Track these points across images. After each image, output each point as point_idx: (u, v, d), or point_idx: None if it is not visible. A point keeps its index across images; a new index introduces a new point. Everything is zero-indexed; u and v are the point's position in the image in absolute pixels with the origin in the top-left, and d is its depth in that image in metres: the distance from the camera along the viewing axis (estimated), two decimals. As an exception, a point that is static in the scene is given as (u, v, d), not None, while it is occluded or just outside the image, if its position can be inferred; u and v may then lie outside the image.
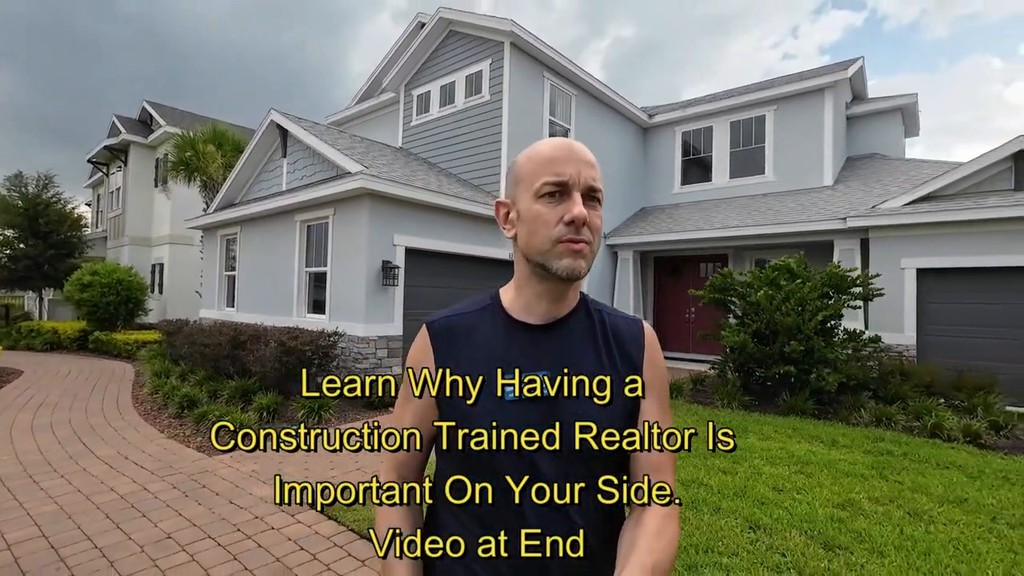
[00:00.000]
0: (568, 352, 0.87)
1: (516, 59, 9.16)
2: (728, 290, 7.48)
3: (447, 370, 0.87)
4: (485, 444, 0.82)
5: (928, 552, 2.95)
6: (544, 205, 0.82)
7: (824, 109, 10.38)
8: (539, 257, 0.83)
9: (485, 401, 0.84)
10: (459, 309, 0.95)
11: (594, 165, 0.84)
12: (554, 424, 0.83)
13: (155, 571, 2.74)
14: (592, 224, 0.82)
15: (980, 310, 7.41)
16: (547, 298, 0.88)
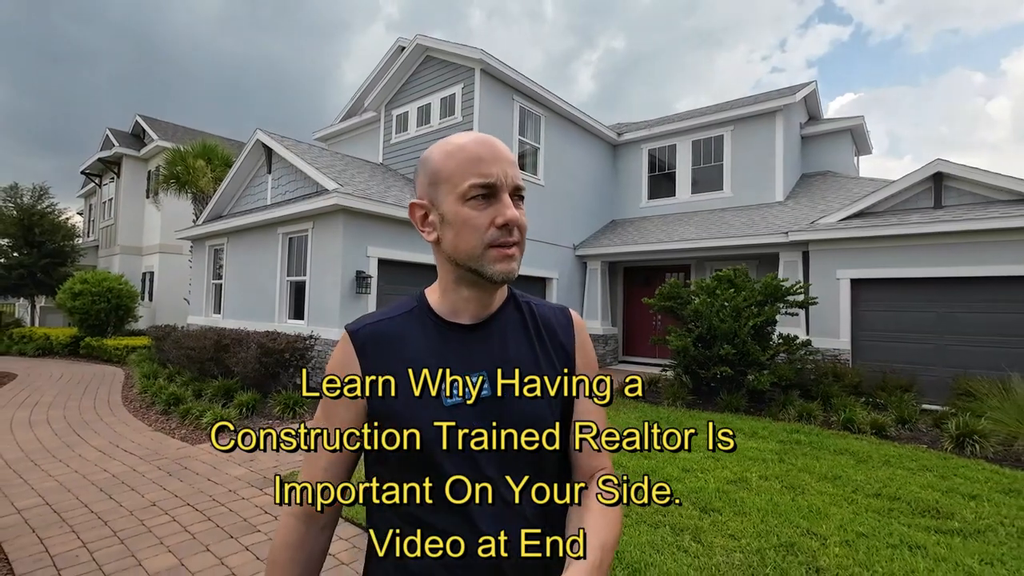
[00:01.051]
0: (502, 349, 0.85)
1: (486, 84, 9.87)
2: (675, 298, 8.15)
3: (378, 376, 0.83)
4: (427, 447, 0.79)
5: (784, 513, 3.58)
6: (473, 208, 0.78)
7: (776, 130, 11.15)
8: (470, 262, 0.80)
9: (424, 404, 0.81)
10: (384, 314, 0.91)
11: (515, 163, 0.82)
12: (495, 424, 0.81)
13: (142, 527, 3.32)
14: (521, 224, 0.80)
15: (906, 317, 8.11)
16: (477, 301, 0.86)
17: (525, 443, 0.82)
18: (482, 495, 0.79)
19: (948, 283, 7.72)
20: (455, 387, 0.81)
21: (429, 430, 0.79)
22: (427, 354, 0.84)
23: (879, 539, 3.19)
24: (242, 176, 10.42)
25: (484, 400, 0.82)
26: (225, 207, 10.93)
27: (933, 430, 6.09)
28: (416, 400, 0.81)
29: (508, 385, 0.83)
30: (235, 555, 2.99)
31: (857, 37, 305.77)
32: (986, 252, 7.34)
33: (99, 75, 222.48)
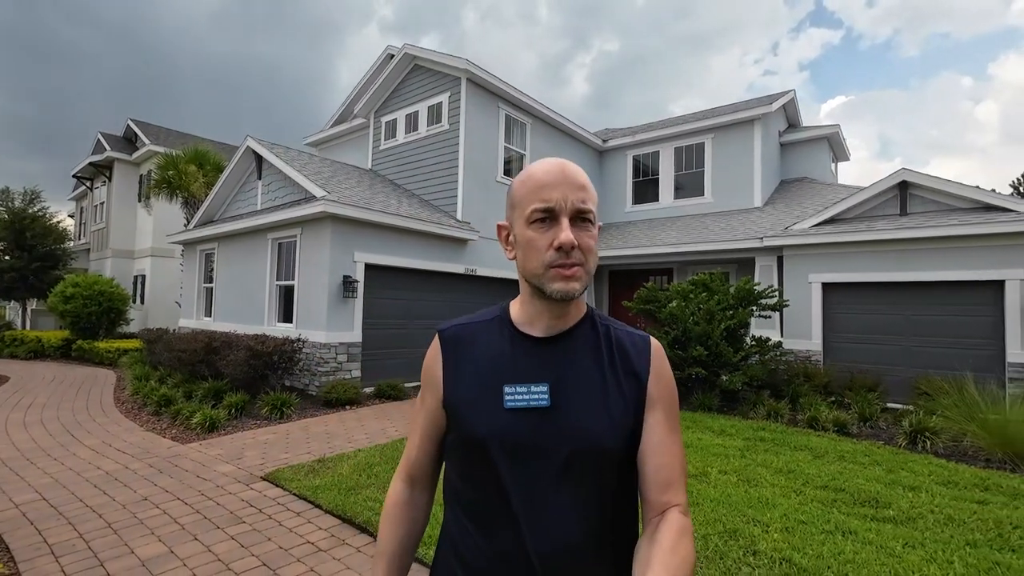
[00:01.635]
0: (568, 364, 0.90)
1: (472, 92, 10.14)
2: (653, 302, 8.44)
3: (453, 376, 0.93)
4: (485, 449, 0.86)
5: (735, 504, 3.86)
6: (535, 231, 0.85)
7: (754, 138, 11.49)
8: (534, 280, 0.87)
9: (487, 408, 0.88)
10: (470, 319, 1.00)
11: (584, 187, 0.86)
12: (551, 433, 0.85)
13: (134, 519, 3.55)
14: (584, 244, 0.84)
15: (873, 320, 8.44)
16: (548, 314, 0.91)
17: (579, 459, 0.84)
18: (528, 501, 0.83)
19: (912, 287, 8.06)
20: (517, 393, 0.87)
21: (486, 429, 0.86)
22: (498, 358, 0.92)
23: (816, 526, 3.47)
24: (233, 182, 10.63)
25: (542, 410, 0.86)
26: (216, 212, 11.13)
27: (892, 427, 6.41)
28: (479, 399, 0.89)
29: (568, 399, 0.87)
30: (221, 543, 3.23)
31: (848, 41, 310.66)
32: (946, 258, 7.68)
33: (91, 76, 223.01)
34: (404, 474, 1.01)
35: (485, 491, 0.87)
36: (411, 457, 1.00)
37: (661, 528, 0.82)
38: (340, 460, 4.80)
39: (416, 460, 0.99)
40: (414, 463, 1.00)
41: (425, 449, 0.99)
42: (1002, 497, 4.07)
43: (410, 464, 1.00)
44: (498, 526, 0.85)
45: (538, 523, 0.83)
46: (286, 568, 2.94)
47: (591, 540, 0.85)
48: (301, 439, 5.63)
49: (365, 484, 4.14)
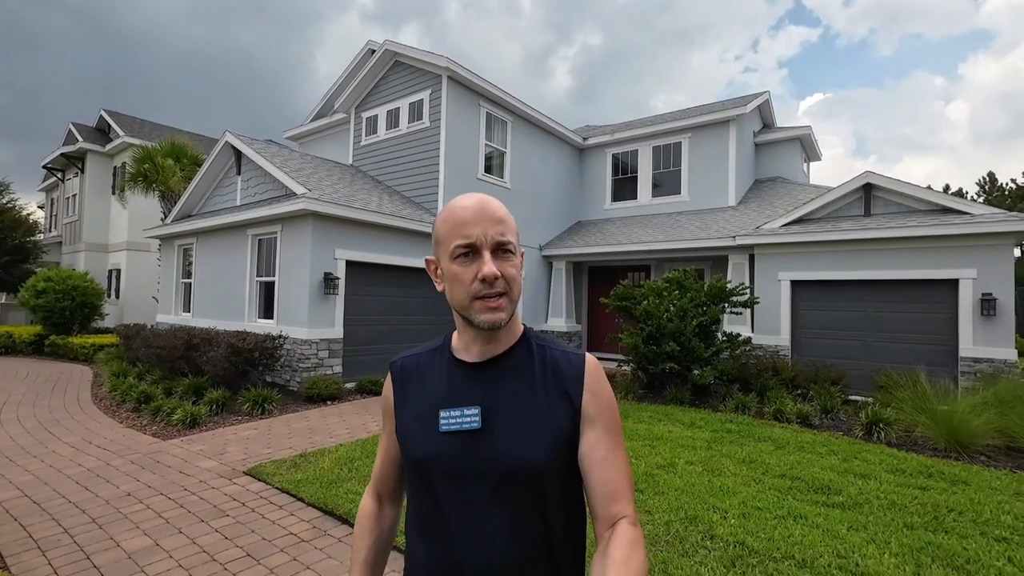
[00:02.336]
0: (500, 387, 0.95)
1: (453, 90, 10.22)
2: (628, 299, 8.69)
3: (401, 406, 1.02)
4: (424, 470, 0.93)
5: (697, 492, 4.10)
6: (459, 265, 0.91)
7: (729, 138, 11.80)
8: (462, 311, 0.93)
9: (425, 432, 0.94)
10: (416, 349, 1.09)
11: (502, 220, 0.92)
12: (483, 454, 0.90)
13: (118, 514, 3.64)
14: (506, 274, 0.90)
15: (839, 316, 8.81)
16: (480, 341, 0.97)
17: (512, 478, 0.89)
18: (465, 520, 0.89)
19: (874, 285, 8.44)
20: (451, 417, 0.92)
21: (424, 451, 0.93)
22: (437, 385, 0.98)
23: (771, 512, 3.73)
24: (211, 176, 10.55)
25: (474, 432, 0.91)
26: (194, 207, 11.04)
27: (852, 419, 6.75)
28: (420, 425, 0.96)
29: (499, 421, 0.92)
30: (205, 536, 3.34)
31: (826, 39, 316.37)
32: (906, 257, 8.06)
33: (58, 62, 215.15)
34: (372, 490, 1.11)
35: (427, 510, 0.94)
36: (377, 475, 1.10)
37: (612, 542, 0.84)
38: (321, 455, 4.92)
39: (381, 477, 1.09)
40: (380, 480, 1.09)
41: (387, 469, 1.08)
42: (943, 483, 4.39)
43: (377, 481, 1.10)
44: (439, 543, 0.91)
45: (474, 541, 0.88)
46: (270, 558, 3.08)
47: (530, 557, 0.90)
48: (283, 434, 5.73)
49: (346, 477, 4.28)
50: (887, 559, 3.03)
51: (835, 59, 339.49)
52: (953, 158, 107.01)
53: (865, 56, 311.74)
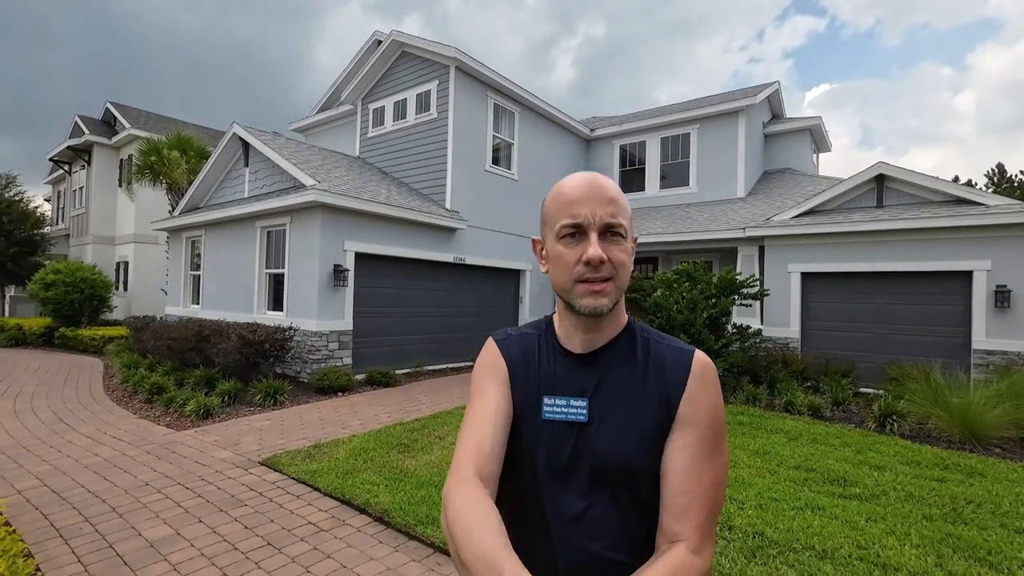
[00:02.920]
0: (603, 380, 0.91)
1: (461, 81, 10.15)
2: (638, 290, 8.66)
3: (512, 375, 0.95)
4: (525, 458, 0.90)
5: (713, 483, 4.09)
6: (564, 246, 0.87)
7: (738, 129, 11.69)
8: (563, 295, 0.89)
9: (530, 417, 0.91)
10: (516, 330, 1.04)
11: (614, 201, 0.86)
12: (584, 448, 0.87)
13: (137, 503, 3.67)
14: (614, 259, 0.85)
15: (849, 308, 8.77)
16: (582, 328, 0.92)
17: (609, 475, 0.86)
18: (559, 512, 0.86)
19: (886, 277, 8.38)
20: (556, 405, 0.90)
21: (528, 438, 0.90)
22: (542, 371, 0.94)
23: (788, 503, 3.72)
24: (219, 169, 10.54)
25: (578, 424, 0.88)
26: (202, 199, 11.03)
27: (863, 411, 6.73)
28: (525, 408, 0.92)
29: (601, 415, 0.88)
30: (226, 525, 3.36)
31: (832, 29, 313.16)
32: (918, 249, 7.99)
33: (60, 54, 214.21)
34: (474, 473, 0.82)
35: (523, 497, 0.90)
36: (485, 454, 0.85)
37: (656, 563, 0.77)
38: (336, 445, 4.94)
39: (490, 457, 0.85)
40: (488, 459, 0.84)
41: (499, 443, 0.88)
42: (959, 475, 4.37)
43: (483, 460, 0.84)
44: (533, 532, 0.88)
45: (568, 534, 0.86)
46: (290, 547, 3.09)
47: (621, 554, 0.85)
48: (296, 425, 5.75)
49: (362, 468, 4.29)
50: (908, 550, 3.02)
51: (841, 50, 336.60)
52: (960, 149, 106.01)
53: (872, 47, 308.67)
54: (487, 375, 0.97)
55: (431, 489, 3.82)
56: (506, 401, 0.93)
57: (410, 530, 3.24)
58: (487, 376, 0.96)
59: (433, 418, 6.03)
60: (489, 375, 0.97)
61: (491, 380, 0.96)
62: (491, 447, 0.86)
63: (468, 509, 0.74)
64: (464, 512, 0.73)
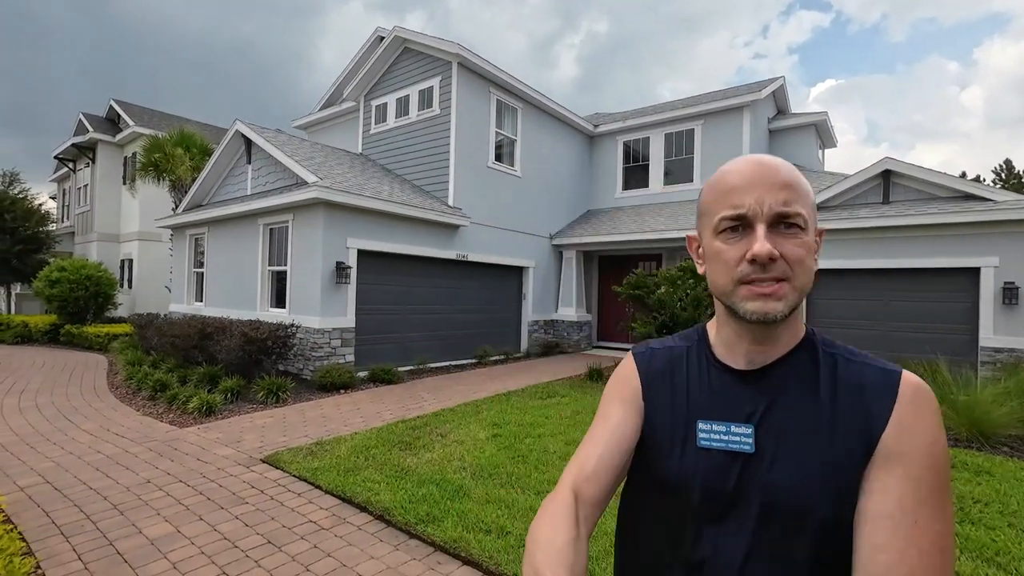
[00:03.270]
0: (775, 404, 0.75)
1: (463, 77, 10.10)
2: (641, 287, 8.61)
3: (649, 404, 0.83)
4: (671, 492, 0.77)
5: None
6: (724, 242, 0.74)
7: (743, 125, 11.60)
8: (725, 299, 0.76)
9: (679, 445, 0.78)
10: (663, 343, 0.91)
11: (788, 186, 0.72)
12: (749, 484, 0.72)
13: (139, 501, 3.67)
14: (788, 255, 0.70)
15: (855, 305, 8.70)
16: (747, 338, 0.77)
17: (780, 519, 0.70)
18: (714, 558, 0.73)
19: (892, 273, 8.31)
20: (714, 432, 0.76)
21: (676, 470, 0.77)
22: (693, 390, 0.81)
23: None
24: (222, 166, 10.54)
25: (737, 454, 0.74)
26: (205, 196, 11.04)
27: (869, 409, 6.66)
28: (672, 435, 0.79)
29: (772, 446, 0.73)
30: (226, 523, 3.35)
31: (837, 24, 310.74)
32: (925, 245, 7.91)
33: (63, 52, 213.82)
34: (570, 488, 0.78)
35: (667, 540, 0.78)
36: (590, 470, 0.79)
37: None
38: (338, 443, 4.93)
39: (595, 474, 0.78)
40: (591, 477, 0.78)
41: (610, 463, 0.79)
42: (967, 474, 4.32)
43: (585, 477, 0.78)
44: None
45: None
46: (290, 545, 3.08)
47: None
48: (298, 423, 5.75)
49: (363, 466, 4.28)
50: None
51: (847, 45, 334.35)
52: (967, 145, 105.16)
53: (877, 42, 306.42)
54: (613, 392, 0.89)
55: (432, 487, 3.80)
56: (628, 422, 0.83)
57: (411, 528, 3.22)
58: (613, 393, 0.89)
59: (436, 416, 6.01)
60: (615, 392, 0.88)
61: (616, 398, 0.87)
62: (595, 468, 0.79)
63: (546, 523, 0.73)
64: (540, 525, 0.73)
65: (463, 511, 3.41)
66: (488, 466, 4.31)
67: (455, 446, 4.86)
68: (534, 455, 4.61)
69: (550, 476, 4.11)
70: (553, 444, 4.95)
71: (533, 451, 4.73)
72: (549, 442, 5.01)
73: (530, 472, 4.19)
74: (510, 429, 5.41)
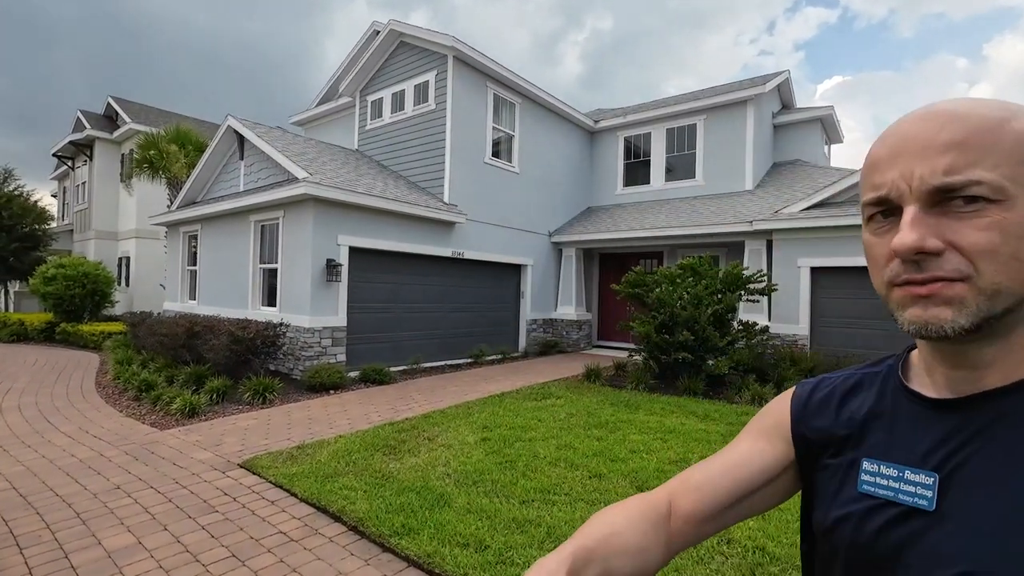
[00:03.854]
0: (974, 448, 0.54)
1: (459, 71, 9.89)
2: (640, 286, 8.39)
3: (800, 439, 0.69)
4: (827, 543, 0.64)
5: (713, 490, 3.86)
6: (873, 233, 0.58)
7: (747, 120, 11.34)
8: (886, 307, 0.58)
9: (836, 485, 0.64)
10: (848, 370, 0.73)
11: (956, 145, 0.51)
12: (911, 549, 0.55)
13: (104, 509, 3.50)
14: (963, 244, 0.51)
15: (860, 304, 8.44)
16: (940, 360, 0.59)
17: None
18: None
19: (900, 272, 8.04)
20: (881, 475, 0.59)
21: (831, 516, 0.63)
22: (871, 422, 0.64)
23: (793, 513, 3.46)
24: (215, 162, 10.39)
25: (910, 511, 0.56)
26: (199, 193, 10.90)
27: (875, 412, 6.44)
28: (830, 472, 0.65)
29: (967, 506, 0.53)
30: (191, 534, 3.18)
31: (844, 20, 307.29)
32: (935, 242, 7.64)
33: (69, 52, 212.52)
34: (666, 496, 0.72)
35: None
36: (687, 481, 0.72)
37: None
38: (320, 447, 4.75)
39: (691, 487, 0.71)
40: (688, 489, 0.71)
41: (721, 484, 0.70)
42: None
43: (682, 489, 0.72)
44: None
45: None
46: (255, 559, 2.90)
47: None
48: (282, 425, 5.58)
49: (343, 472, 4.10)
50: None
51: (854, 41, 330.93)
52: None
53: (885, 38, 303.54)
54: (752, 422, 0.78)
55: (412, 495, 3.62)
56: (759, 452, 0.71)
57: (384, 541, 3.04)
58: (751, 423, 0.78)
59: (425, 418, 5.83)
60: (753, 422, 0.77)
61: (753, 428, 0.76)
62: (700, 483, 0.71)
63: (611, 509, 0.71)
64: (607, 510, 0.71)
65: (441, 522, 3.22)
66: (474, 472, 4.12)
67: (442, 450, 4.68)
68: (523, 460, 4.42)
69: (537, 484, 3.92)
70: (544, 449, 4.75)
71: (522, 456, 4.53)
72: (540, 447, 4.81)
73: (517, 479, 4.00)
74: (500, 432, 5.22)
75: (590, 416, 6.01)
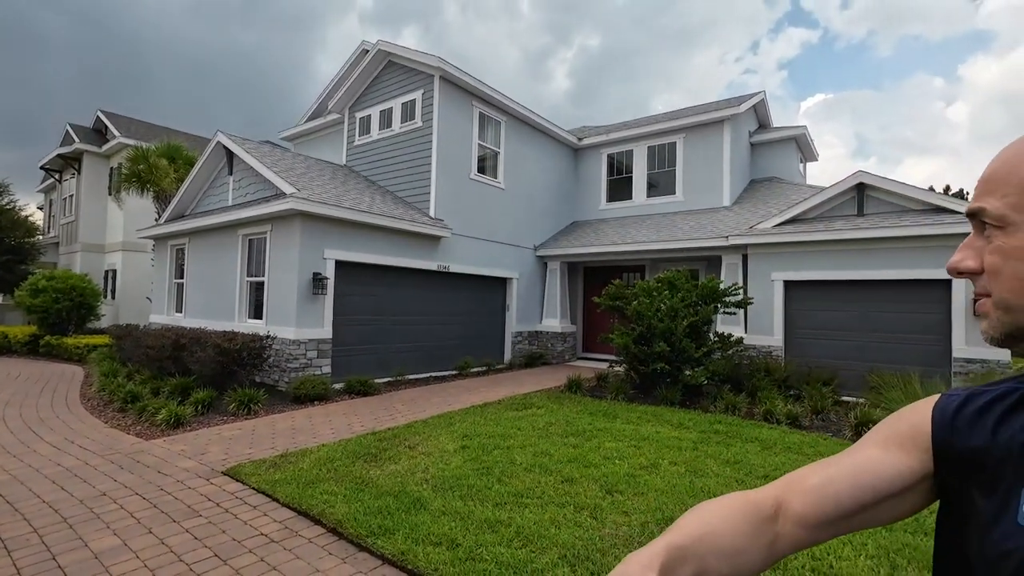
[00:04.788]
0: None
1: (446, 90, 10.20)
2: (620, 299, 8.64)
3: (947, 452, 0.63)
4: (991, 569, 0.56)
5: (678, 493, 4.05)
6: None
7: (723, 138, 11.75)
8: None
9: (986, 514, 0.58)
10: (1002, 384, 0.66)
11: (983, 180, 0.59)
12: None
13: (90, 514, 3.61)
14: (987, 265, 0.57)
15: (832, 316, 8.76)
16: None
17: None
18: None
19: (868, 285, 8.38)
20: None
21: (976, 546, 0.58)
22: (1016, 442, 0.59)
23: (750, 513, 3.68)
24: (204, 176, 10.54)
25: None
26: (187, 207, 11.03)
27: (842, 420, 6.69)
28: (984, 499, 0.59)
29: None
30: (175, 536, 3.31)
31: (825, 41, 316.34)
32: (899, 257, 8.00)
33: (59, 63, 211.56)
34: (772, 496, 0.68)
35: None
36: (797, 482, 0.68)
37: None
38: (303, 455, 4.88)
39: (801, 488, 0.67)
40: (800, 491, 0.66)
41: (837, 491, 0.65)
42: (928, 484, 4.33)
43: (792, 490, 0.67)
44: None
45: None
46: (237, 558, 3.04)
47: None
48: (266, 435, 5.70)
49: (324, 478, 4.24)
50: (862, 561, 2.98)
51: (835, 60, 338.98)
52: (954, 159, 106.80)
53: (865, 57, 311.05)
54: (882, 427, 0.70)
55: (389, 499, 3.77)
56: (889, 462, 0.65)
57: (361, 541, 3.19)
58: (881, 428, 0.70)
59: (407, 427, 5.98)
60: (885, 428, 0.69)
61: (883, 433, 0.68)
62: (814, 486, 0.66)
63: (708, 505, 0.68)
64: (704, 506, 0.68)
65: (416, 523, 3.39)
66: (451, 478, 4.28)
67: (422, 458, 4.83)
68: (499, 467, 4.59)
69: (511, 488, 4.09)
70: (521, 456, 4.93)
71: (499, 463, 4.70)
72: (517, 454, 4.99)
73: (492, 484, 4.17)
74: (479, 441, 5.39)
75: (568, 425, 6.19)
